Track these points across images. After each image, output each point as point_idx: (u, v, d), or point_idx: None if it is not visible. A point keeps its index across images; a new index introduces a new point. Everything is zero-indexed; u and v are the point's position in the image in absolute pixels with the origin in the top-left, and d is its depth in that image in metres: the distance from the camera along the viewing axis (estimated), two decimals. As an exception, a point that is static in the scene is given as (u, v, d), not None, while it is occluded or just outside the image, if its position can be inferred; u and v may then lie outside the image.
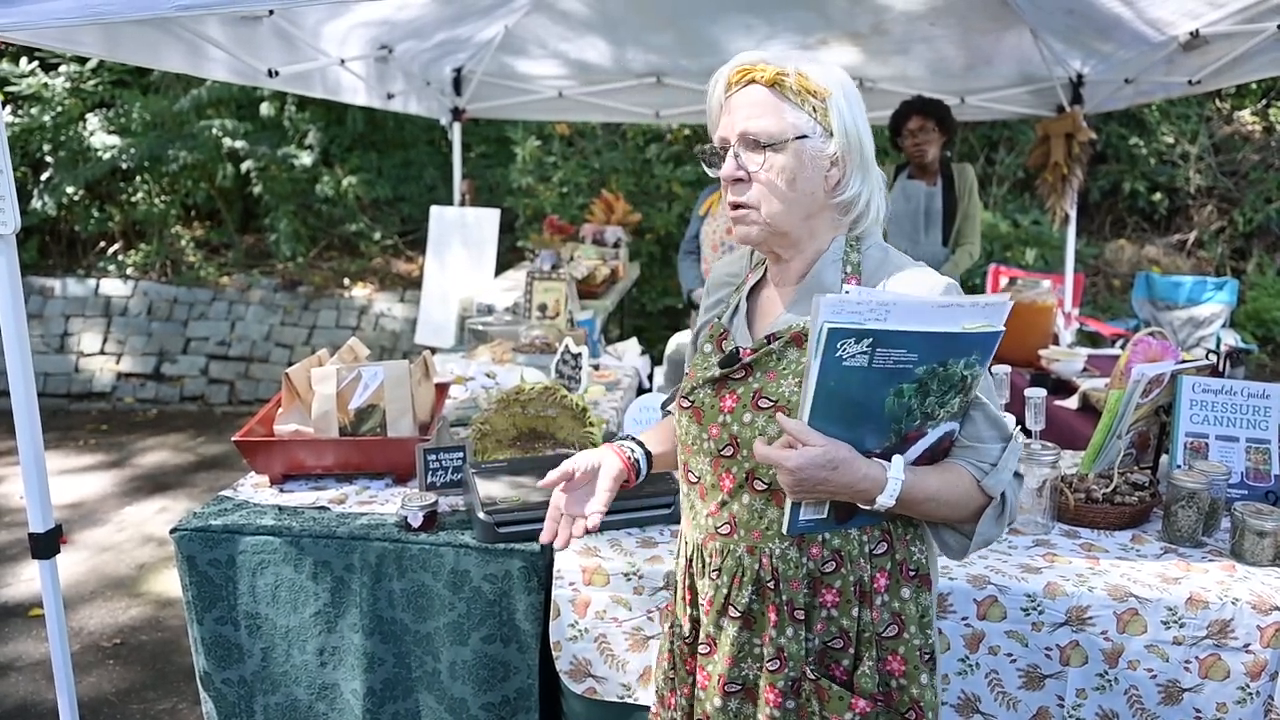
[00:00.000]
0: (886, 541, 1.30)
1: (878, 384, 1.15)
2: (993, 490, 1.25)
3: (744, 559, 1.31)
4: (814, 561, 1.29)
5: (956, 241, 3.82)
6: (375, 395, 2.25)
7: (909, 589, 1.31)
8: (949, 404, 1.21)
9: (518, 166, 7.33)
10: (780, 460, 1.17)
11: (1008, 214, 7.39)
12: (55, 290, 6.83)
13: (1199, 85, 3.53)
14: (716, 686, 1.35)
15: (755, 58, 1.27)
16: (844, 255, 1.31)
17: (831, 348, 1.11)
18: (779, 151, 1.25)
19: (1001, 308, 1.18)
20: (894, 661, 1.30)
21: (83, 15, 1.75)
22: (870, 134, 1.30)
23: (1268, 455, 2.06)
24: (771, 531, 1.29)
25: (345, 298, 7.03)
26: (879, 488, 1.19)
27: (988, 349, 1.19)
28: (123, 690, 3.05)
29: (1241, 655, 1.64)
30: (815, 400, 1.16)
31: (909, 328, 1.12)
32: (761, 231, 1.30)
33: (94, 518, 4.41)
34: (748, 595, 1.31)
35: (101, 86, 7.22)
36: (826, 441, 1.17)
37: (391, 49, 3.96)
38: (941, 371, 1.17)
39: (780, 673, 1.29)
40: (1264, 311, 6.96)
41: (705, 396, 1.34)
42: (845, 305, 1.10)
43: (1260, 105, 8.01)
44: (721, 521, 1.33)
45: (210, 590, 1.93)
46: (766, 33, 4.36)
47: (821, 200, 1.29)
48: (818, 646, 1.30)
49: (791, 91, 1.24)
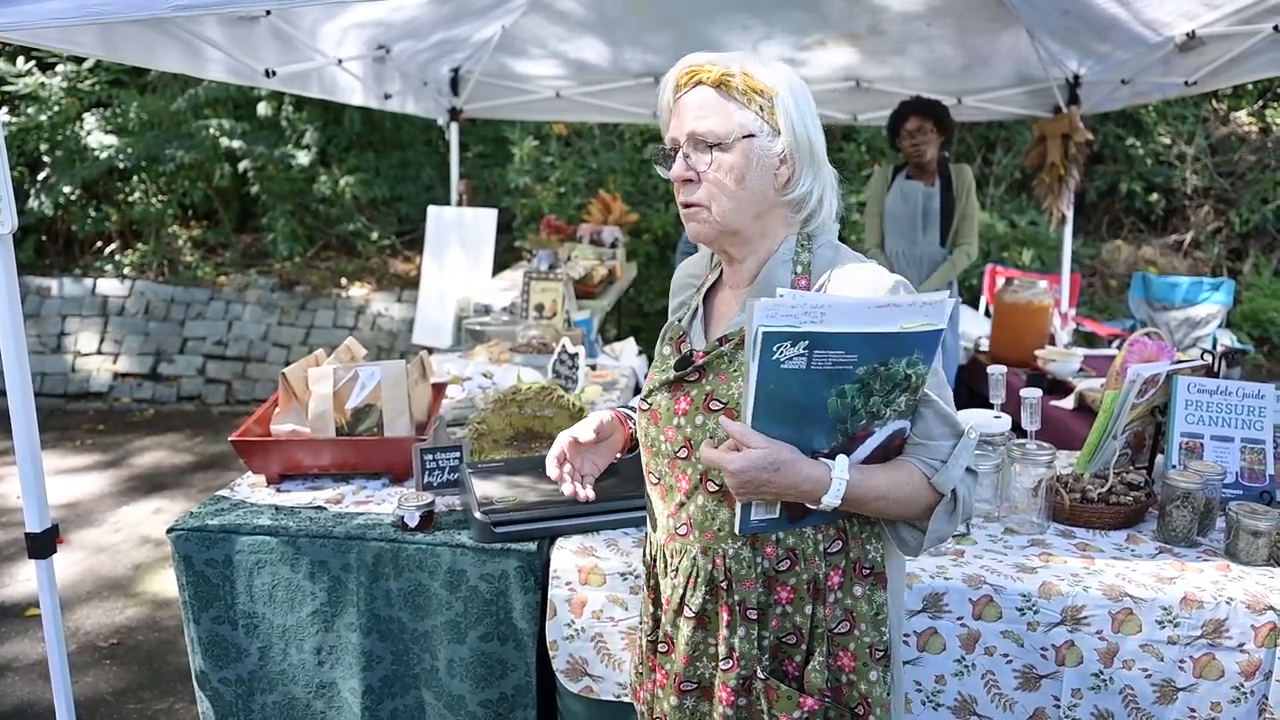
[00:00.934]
0: (841, 540, 1.31)
1: (818, 385, 1.16)
2: (943, 487, 1.25)
3: (698, 560, 1.33)
4: (769, 560, 1.30)
5: (954, 242, 3.82)
6: (372, 395, 2.25)
7: (862, 587, 1.31)
8: (895, 402, 1.22)
9: (515, 167, 7.33)
10: (723, 463, 1.19)
11: (1005, 214, 7.40)
12: (52, 290, 6.82)
13: (1195, 86, 3.54)
14: (673, 685, 1.37)
15: (702, 59, 1.28)
16: (795, 255, 1.32)
17: (768, 351, 1.11)
18: (727, 151, 1.26)
19: (941, 306, 1.17)
20: (845, 658, 1.31)
21: (80, 15, 1.75)
22: (821, 132, 1.31)
23: (1262, 455, 2.07)
24: (724, 532, 1.30)
25: (342, 298, 7.02)
26: (823, 488, 1.20)
27: (930, 347, 1.19)
28: (119, 690, 3.05)
29: (1236, 655, 1.65)
30: (756, 403, 1.16)
31: (846, 329, 1.13)
32: (713, 230, 1.31)
33: (91, 518, 4.41)
34: (701, 596, 1.33)
35: (98, 86, 7.21)
36: (768, 443, 1.18)
37: (389, 49, 3.96)
38: (883, 371, 1.18)
39: (732, 672, 1.30)
40: (1260, 312, 6.98)
41: (662, 399, 1.36)
42: (780, 308, 1.10)
43: (1257, 106, 8.03)
44: (679, 522, 1.35)
45: (207, 590, 1.93)
46: (764, 33, 4.36)
47: (772, 198, 1.30)
48: (772, 642, 1.32)
49: (738, 91, 1.26)
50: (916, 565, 1.76)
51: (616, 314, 5.88)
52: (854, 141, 7.62)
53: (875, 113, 4.92)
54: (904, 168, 3.90)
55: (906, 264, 3.87)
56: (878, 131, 6.68)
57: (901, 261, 3.88)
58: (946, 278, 3.80)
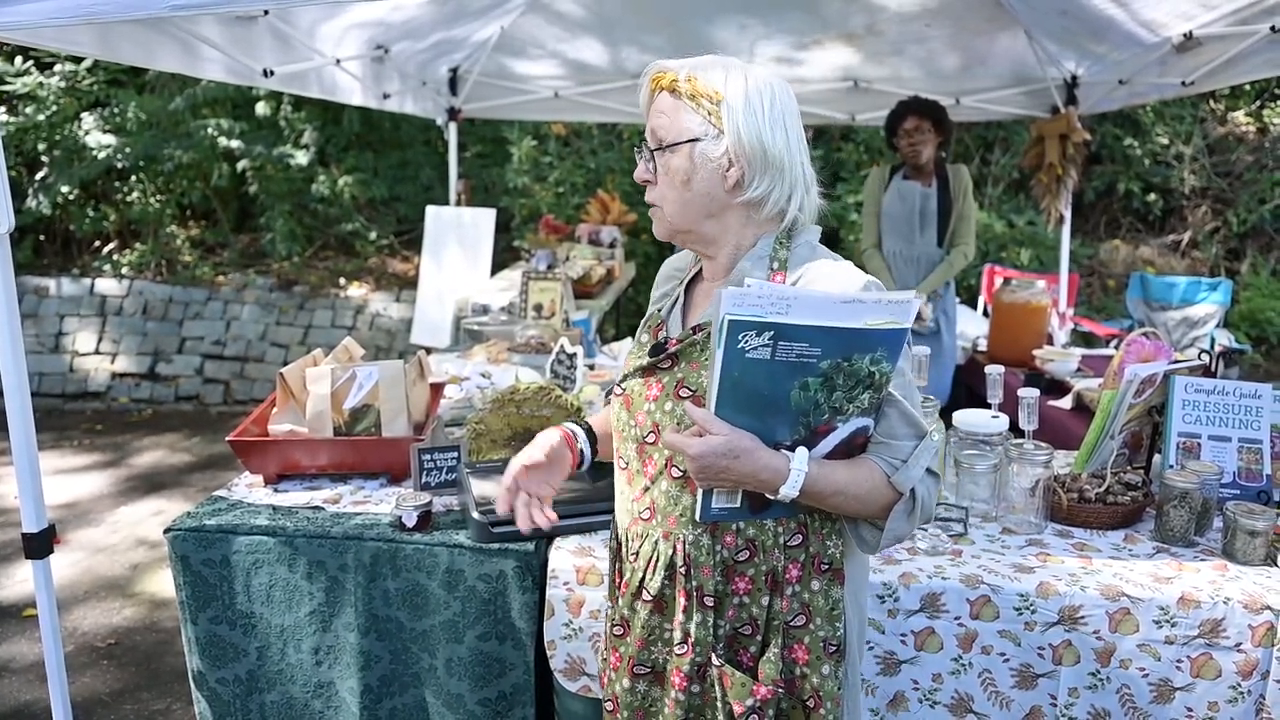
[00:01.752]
0: (802, 534, 1.32)
1: (782, 376, 1.18)
2: (902, 486, 1.27)
3: (659, 544, 1.36)
4: (728, 550, 1.32)
5: (951, 242, 3.82)
6: (370, 395, 2.25)
7: (819, 581, 1.33)
8: (858, 399, 1.23)
9: (514, 166, 7.33)
10: (683, 447, 1.21)
11: (1003, 214, 7.40)
12: (50, 290, 6.82)
13: (1192, 86, 3.54)
14: (626, 668, 1.40)
15: (662, 65, 1.34)
16: (772, 252, 1.34)
17: (733, 339, 1.13)
18: (675, 153, 1.32)
19: (906, 305, 1.19)
20: (799, 650, 1.33)
21: (77, 15, 1.75)
22: (784, 136, 1.31)
23: (1260, 455, 2.07)
24: (685, 518, 1.33)
25: (341, 297, 7.02)
26: (781, 478, 1.22)
27: (894, 346, 1.20)
28: (116, 691, 3.05)
29: (1233, 654, 1.65)
30: (721, 390, 1.18)
31: (810, 322, 1.14)
32: (667, 228, 1.37)
33: (88, 518, 4.41)
34: (660, 580, 1.35)
35: (96, 86, 7.21)
36: (730, 431, 1.20)
37: (387, 49, 3.96)
38: (846, 366, 1.19)
39: (686, 657, 1.33)
40: (1258, 312, 6.99)
41: (635, 384, 1.39)
42: (746, 298, 1.12)
43: (1254, 106, 8.04)
44: (643, 507, 1.38)
45: (204, 590, 1.93)
46: (761, 33, 4.36)
47: (723, 200, 1.33)
48: (728, 632, 1.34)
49: (686, 96, 1.30)
50: (914, 565, 1.77)
51: (615, 314, 5.89)
52: (852, 141, 7.62)
53: (873, 113, 4.92)
54: (901, 168, 3.89)
55: (904, 264, 3.87)
56: (876, 131, 6.69)
57: (899, 262, 3.88)
58: (944, 278, 3.80)
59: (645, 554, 1.37)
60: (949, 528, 1.96)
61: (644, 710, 1.41)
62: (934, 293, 3.80)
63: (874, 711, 1.75)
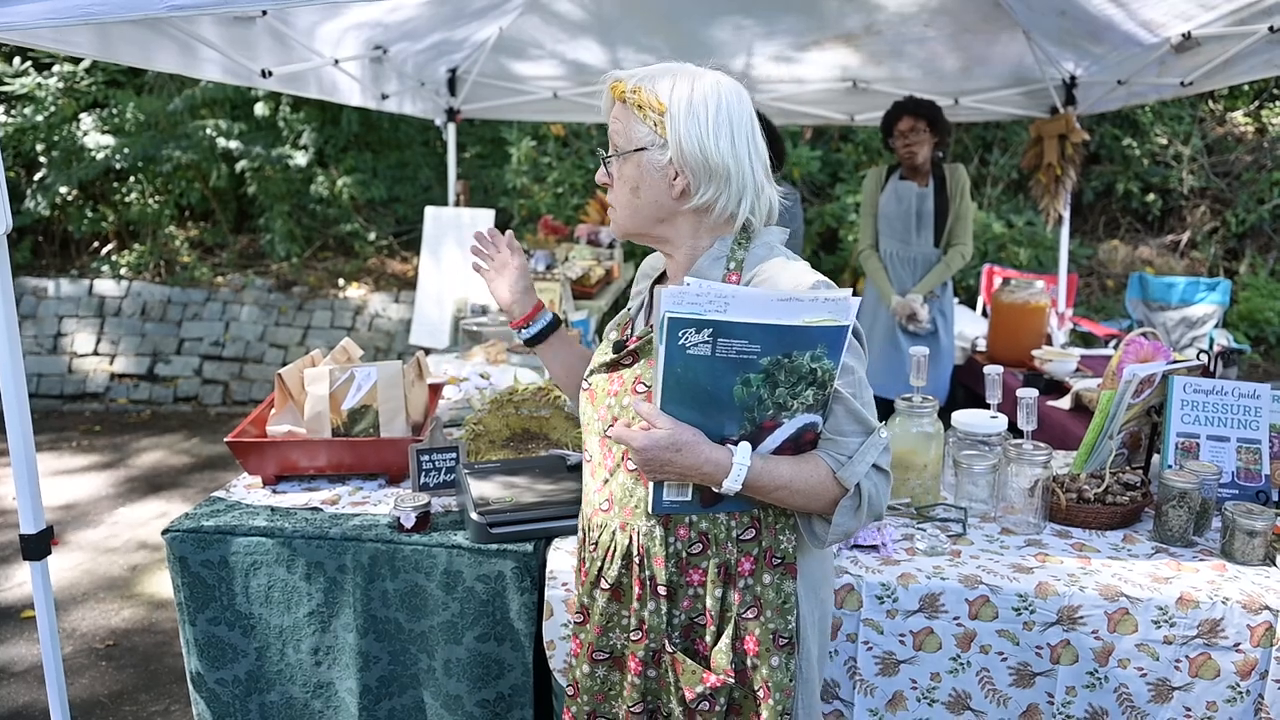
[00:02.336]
0: (755, 528, 1.36)
1: (723, 372, 1.21)
2: (847, 481, 1.29)
3: (616, 534, 1.41)
4: (681, 542, 1.37)
5: (948, 242, 3.82)
6: (368, 396, 2.24)
7: (771, 575, 1.37)
8: (802, 395, 1.26)
9: (512, 167, 7.33)
10: (628, 440, 1.26)
11: (1002, 214, 7.41)
12: (48, 291, 6.81)
13: (1191, 87, 3.54)
14: (586, 654, 1.45)
15: (617, 75, 1.38)
16: (729, 253, 1.38)
17: (674, 336, 1.18)
18: (626, 161, 1.38)
19: (845, 303, 1.22)
20: (750, 641, 1.37)
21: (74, 16, 1.74)
22: (727, 143, 1.33)
23: (1258, 455, 2.07)
24: (640, 509, 1.38)
25: (340, 298, 7.02)
26: (724, 472, 1.25)
27: (835, 343, 1.23)
28: (115, 692, 3.04)
29: (1232, 654, 1.65)
30: (665, 386, 1.23)
31: (749, 319, 1.18)
32: (621, 230, 1.44)
33: (87, 519, 4.40)
34: (617, 569, 1.41)
35: (95, 86, 7.20)
36: (673, 425, 1.24)
37: (386, 50, 3.96)
38: (787, 363, 1.22)
39: (641, 643, 1.39)
40: (1256, 312, 6.99)
41: (599, 380, 1.44)
42: (685, 296, 1.16)
43: (1253, 106, 8.04)
44: (603, 498, 1.44)
45: (203, 591, 1.93)
46: (759, 33, 4.36)
47: (670, 206, 1.38)
48: (684, 622, 1.39)
49: (634, 106, 1.35)
50: (913, 566, 1.77)
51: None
52: (851, 142, 7.62)
53: (872, 113, 4.92)
54: (898, 168, 3.90)
55: (901, 265, 3.87)
56: (875, 132, 6.68)
57: (896, 262, 3.88)
58: (941, 278, 3.80)
59: (604, 544, 1.43)
60: (948, 528, 1.96)
61: (604, 694, 1.46)
62: (931, 293, 3.80)
63: (873, 711, 1.75)
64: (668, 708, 1.41)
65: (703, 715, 1.37)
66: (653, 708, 1.43)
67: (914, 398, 2.12)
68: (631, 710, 1.42)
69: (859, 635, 1.72)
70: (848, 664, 1.75)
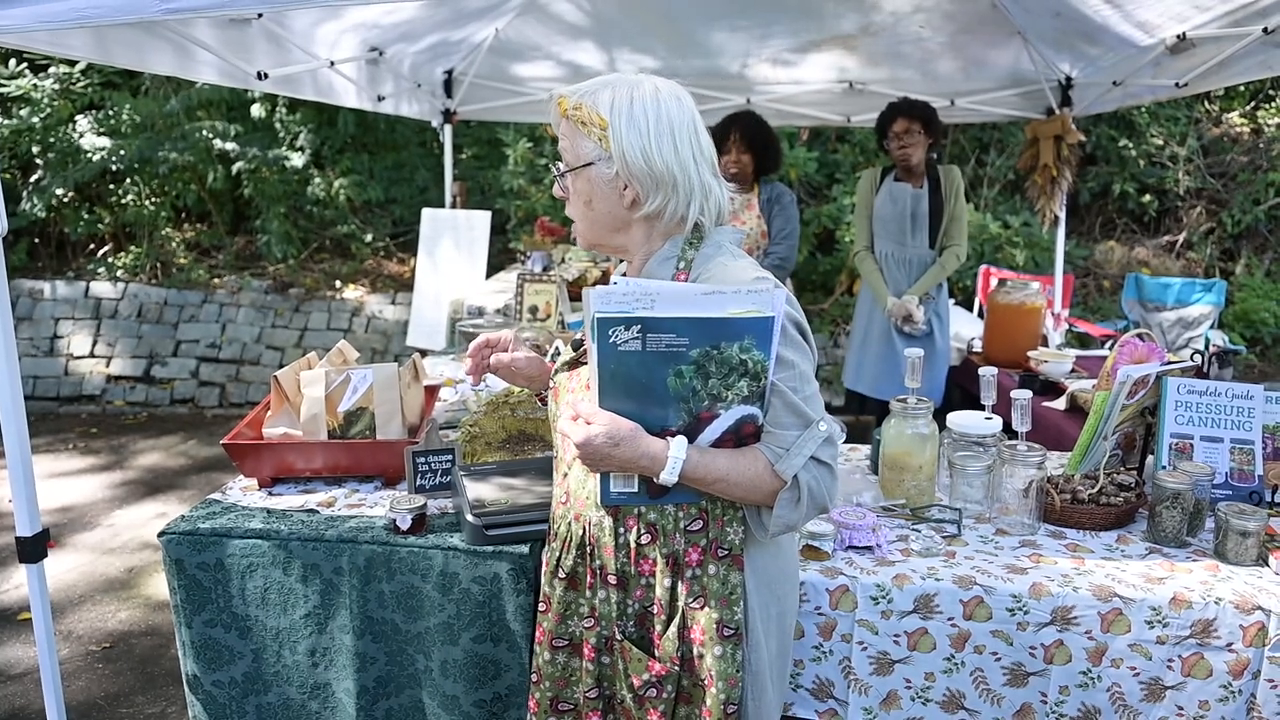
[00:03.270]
0: (702, 520, 1.40)
1: (655, 365, 1.26)
2: (784, 473, 1.31)
3: (572, 525, 1.47)
4: (631, 533, 1.41)
5: (943, 243, 3.83)
6: (364, 398, 2.25)
7: (717, 566, 1.40)
8: (735, 386, 1.30)
9: (509, 168, 7.33)
10: (570, 433, 1.30)
11: (998, 215, 7.42)
12: (44, 292, 6.81)
13: (1186, 88, 3.55)
14: (547, 641, 1.51)
15: (562, 91, 1.41)
16: (680, 253, 1.42)
17: (604, 334, 1.23)
18: (576, 177, 1.42)
19: (768, 295, 1.26)
20: (695, 631, 1.41)
21: (70, 19, 1.75)
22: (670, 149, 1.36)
23: (1251, 456, 2.07)
24: (591, 501, 1.43)
25: (336, 300, 7.02)
26: (660, 464, 1.29)
27: (763, 334, 1.27)
28: (111, 695, 3.04)
29: (1224, 654, 1.66)
30: (601, 382, 1.28)
31: (675, 314, 1.23)
32: (584, 241, 1.48)
33: (84, 521, 4.40)
34: (572, 558, 1.46)
35: (91, 88, 7.20)
36: (610, 419, 1.28)
37: (382, 51, 3.96)
38: (717, 354, 1.27)
39: (593, 630, 1.45)
40: (1252, 312, 7.01)
41: (562, 379, 1.51)
42: (613, 296, 1.22)
43: (1248, 107, 8.06)
44: (563, 491, 1.50)
45: (199, 594, 1.93)
46: (756, 35, 4.37)
47: (624, 216, 1.42)
48: (638, 611, 1.44)
49: (578, 122, 1.38)
50: (908, 567, 1.77)
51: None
52: (848, 143, 7.63)
53: (869, 114, 4.91)
54: (893, 170, 3.90)
55: (895, 266, 3.88)
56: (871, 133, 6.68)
57: (891, 263, 3.89)
58: (936, 280, 3.80)
59: (561, 535, 1.49)
60: (943, 529, 1.96)
61: (565, 680, 1.51)
62: (927, 294, 3.80)
63: (867, 710, 1.76)
64: (620, 694, 1.46)
65: (650, 702, 1.42)
66: (608, 694, 1.48)
67: (909, 399, 2.12)
68: (587, 695, 1.47)
69: (854, 635, 1.73)
70: (842, 663, 1.75)
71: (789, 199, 3.94)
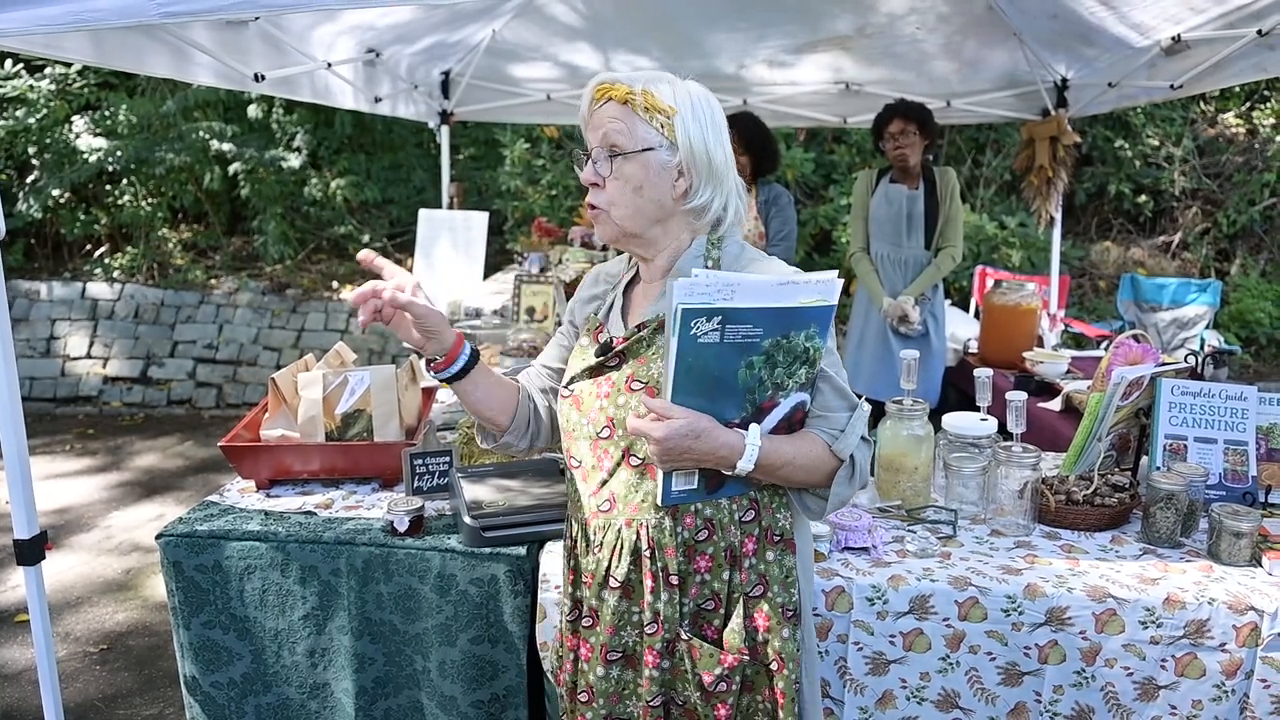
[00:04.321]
0: (754, 510, 1.42)
1: (730, 357, 1.27)
2: (842, 453, 1.38)
3: (622, 531, 1.43)
4: (688, 530, 1.40)
5: (939, 245, 3.84)
6: (362, 400, 2.25)
7: (773, 552, 1.43)
8: (796, 374, 1.34)
9: (506, 169, 7.33)
10: (648, 431, 1.27)
11: (994, 216, 7.43)
12: (41, 293, 6.80)
13: (1181, 90, 3.56)
14: (599, 656, 1.46)
15: (612, 78, 1.40)
16: (705, 252, 1.44)
17: (686, 326, 1.22)
18: (629, 161, 1.39)
19: (831, 284, 1.30)
20: (759, 618, 1.42)
21: (68, 22, 1.75)
22: (724, 149, 1.42)
23: (1245, 457, 2.08)
24: (647, 504, 1.40)
25: (334, 300, 7.01)
26: (738, 454, 1.30)
27: (824, 322, 1.32)
28: (109, 696, 3.04)
29: (1217, 654, 1.67)
30: (676, 377, 1.26)
31: (753, 304, 1.25)
32: (615, 231, 1.44)
33: (82, 522, 4.40)
34: (626, 566, 1.43)
35: (87, 89, 7.19)
36: (688, 413, 1.27)
37: (379, 53, 3.97)
38: (785, 344, 1.30)
39: (658, 635, 1.41)
40: (1247, 313, 7.03)
41: (584, 385, 1.47)
42: (696, 287, 1.21)
43: (1243, 108, 8.08)
44: (602, 499, 1.45)
45: (197, 596, 1.93)
46: (753, 36, 4.38)
47: (670, 207, 1.42)
48: (692, 609, 1.43)
49: (640, 108, 1.38)
50: (904, 568, 1.78)
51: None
52: (844, 144, 7.64)
53: (865, 115, 4.93)
54: (889, 171, 3.91)
55: (891, 267, 3.89)
56: (868, 134, 6.69)
57: (886, 265, 3.90)
58: (931, 280, 3.81)
59: (610, 543, 1.44)
60: (938, 530, 1.97)
61: (619, 694, 1.48)
62: (922, 295, 3.81)
63: (863, 709, 1.76)
64: (684, 695, 1.44)
65: (720, 696, 1.40)
66: (668, 699, 1.45)
67: (905, 401, 2.13)
68: (650, 705, 1.43)
69: (849, 636, 1.74)
70: (838, 664, 1.76)
71: (786, 200, 3.95)
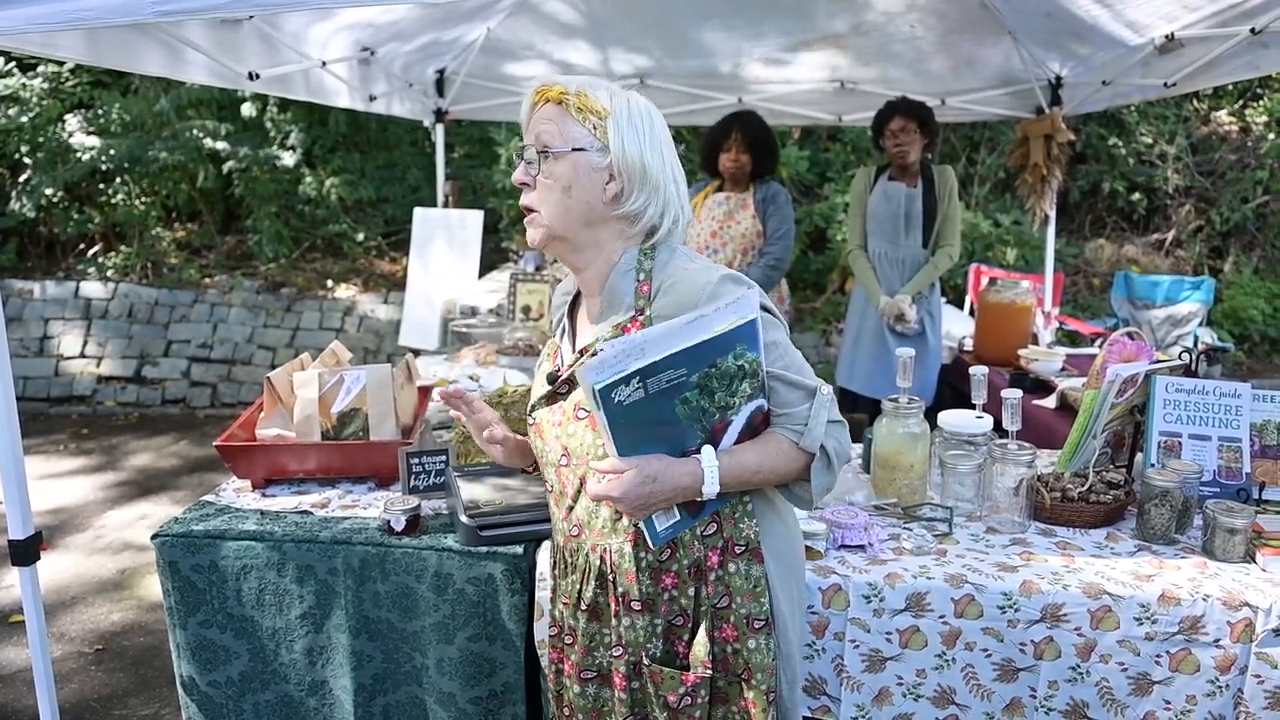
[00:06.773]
0: (715, 523, 1.42)
1: (662, 403, 1.28)
2: (811, 447, 1.38)
3: (589, 556, 1.46)
4: (651, 555, 1.41)
5: (936, 243, 3.84)
6: (358, 399, 2.25)
7: (736, 563, 1.43)
8: (739, 391, 1.34)
9: (501, 167, 7.32)
10: (606, 493, 1.30)
11: (989, 214, 7.45)
12: (34, 293, 6.77)
13: (1174, 88, 3.58)
14: (575, 675, 1.51)
15: (551, 80, 1.41)
16: (637, 264, 1.42)
17: (607, 399, 1.23)
18: (559, 161, 1.38)
19: (744, 300, 1.29)
20: (727, 629, 1.43)
21: (64, 20, 1.74)
22: (662, 157, 1.40)
23: (1239, 453, 2.09)
24: (606, 530, 1.43)
25: (329, 299, 7.00)
26: (700, 480, 1.32)
27: (751, 337, 1.31)
28: (105, 696, 3.04)
29: (1212, 650, 1.67)
30: (616, 440, 1.28)
31: (667, 352, 1.24)
32: (544, 234, 1.42)
33: (76, 522, 4.39)
34: (593, 589, 1.46)
35: (80, 87, 7.17)
36: (637, 461, 1.29)
37: (374, 51, 3.96)
38: (715, 371, 1.30)
39: (622, 658, 1.44)
40: (1240, 310, 7.06)
41: (543, 413, 1.48)
42: (604, 365, 1.21)
43: (1237, 106, 8.11)
44: (572, 524, 1.48)
45: (193, 596, 1.93)
46: (749, 35, 4.38)
47: (601, 210, 1.40)
48: (664, 626, 1.44)
49: (574, 109, 1.38)
50: (900, 565, 1.78)
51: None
52: (839, 142, 7.65)
53: (860, 113, 4.94)
54: (887, 169, 3.91)
55: (889, 265, 3.89)
56: (863, 132, 6.72)
57: (884, 263, 3.90)
58: (929, 279, 3.82)
59: (580, 566, 1.48)
60: (934, 528, 1.98)
61: (597, 711, 1.51)
62: (919, 293, 3.82)
63: (859, 706, 1.77)
64: (654, 715, 1.45)
65: (687, 712, 1.42)
66: (641, 715, 1.47)
67: (901, 399, 2.14)
68: None
69: (846, 634, 1.74)
70: (834, 661, 1.76)
71: (784, 199, 3.95)
